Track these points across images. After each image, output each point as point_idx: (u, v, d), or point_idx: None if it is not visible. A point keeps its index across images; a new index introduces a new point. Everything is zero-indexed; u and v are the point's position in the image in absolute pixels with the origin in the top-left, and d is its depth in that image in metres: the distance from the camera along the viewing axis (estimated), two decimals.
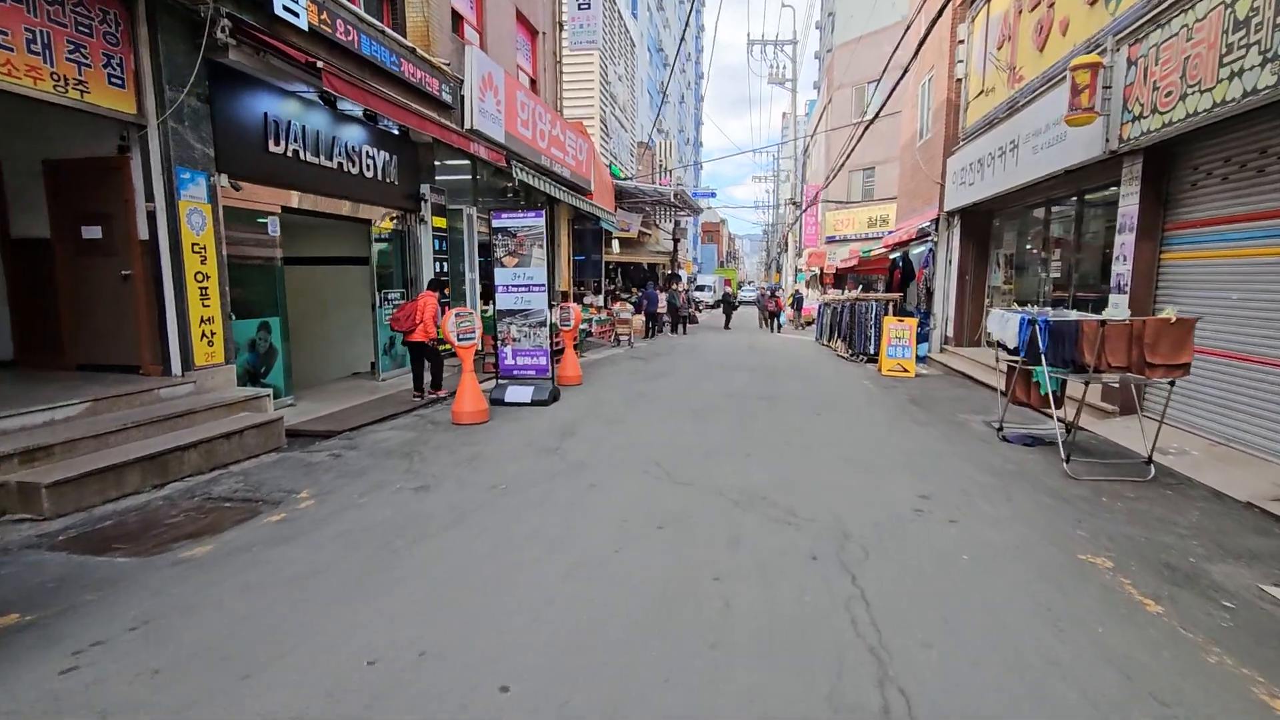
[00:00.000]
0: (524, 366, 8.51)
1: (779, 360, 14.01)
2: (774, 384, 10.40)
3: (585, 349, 15.00)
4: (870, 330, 14.02)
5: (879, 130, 27.91)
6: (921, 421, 7.65)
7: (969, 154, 12.16)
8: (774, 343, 18.85)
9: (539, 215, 8.21)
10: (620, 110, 24.60)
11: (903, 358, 11.81)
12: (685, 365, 12.83)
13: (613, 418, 7.56)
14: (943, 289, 13.77)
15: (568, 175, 15.98)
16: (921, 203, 15.30)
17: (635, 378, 10.91)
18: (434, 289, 8.83)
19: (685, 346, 16.93)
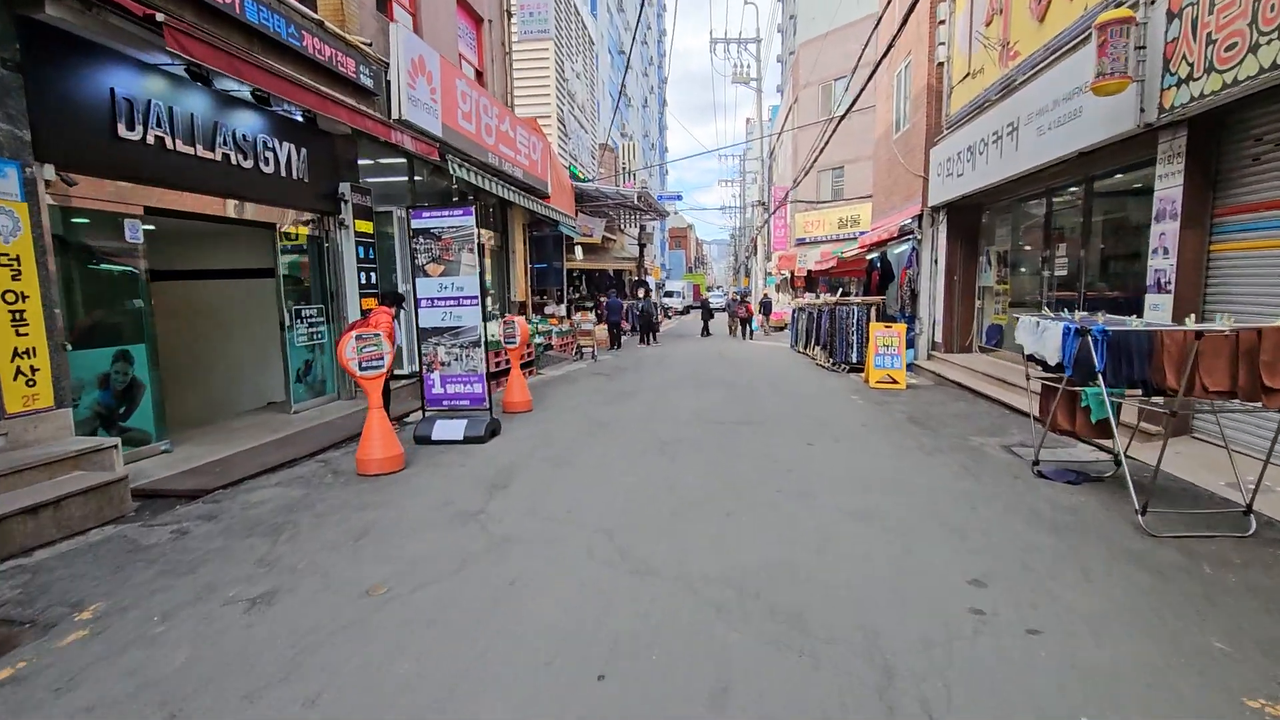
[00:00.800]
0: (455, 396, 7.01)
1: (756, 372, 12.69)
2: (754, 402, 9.05)
3: (543, 365, 13.52)
4: (853, 337, 12.80)
5: (848, 128, 26.94)
6: (931, 449, 6.35)
7: (955, 143, 11.02)
8: (747, 351, 17.57)
9: (467, 213, 6.73)
10: (579, 110, 23.21)
11: (892, 368, 10.58)
12: (653, 381, 11.43)
13: (561, 457, 6.10)
14: (929, 291, 12.62)
15: (520, 176, 14.51)
16: (901, 198, 14.18)
17: (595, 399, 9.46)
18: (388, 302, 7.31)
19: (653, 358, 15.53)
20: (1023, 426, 7.42)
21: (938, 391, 10.04)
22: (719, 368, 13.41)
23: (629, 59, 22.50)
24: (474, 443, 6.67)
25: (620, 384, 11.11)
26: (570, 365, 14.19)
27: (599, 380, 11.64)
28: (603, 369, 13.45)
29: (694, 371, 12.73)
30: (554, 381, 11.60)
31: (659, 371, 12.88)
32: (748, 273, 49.48)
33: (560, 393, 10.19)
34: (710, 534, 4.12)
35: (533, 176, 15.40)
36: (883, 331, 10.75)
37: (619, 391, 10.21)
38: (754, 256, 39.95)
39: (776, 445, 6.51)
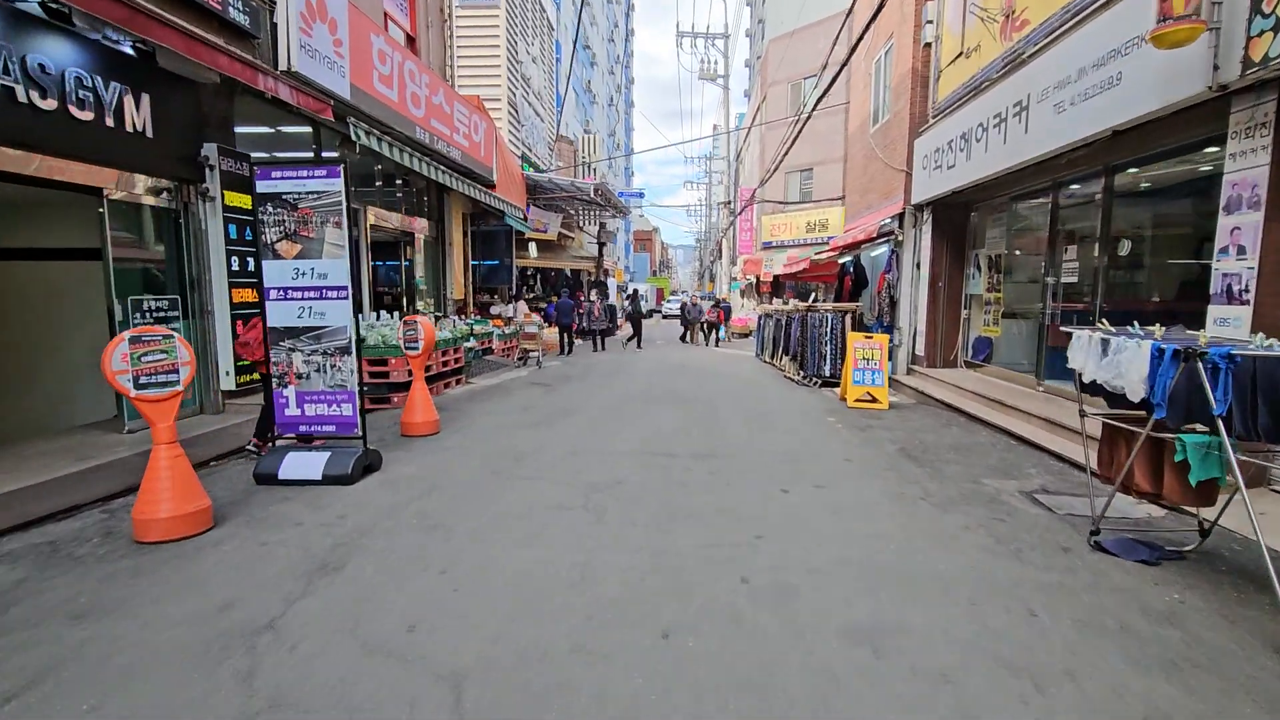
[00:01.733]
0: (317, 420, 5.21)
1: (719, 385, 11.11)
2: (714, 426, 7.44)
3: (478, 372, 11.72)
4: (825, 348, 11.33)
5: (817, 130, 25.80)
6: (940, 500, 4.81)
7: (944, 131, 9.63)
8: (710, 360, 16.01)
9: (333, 174, 4.96)
10: (535, 96, 21.43)
11: (873, 384, 9.10)
12: (599, 396, 9.74)
13: (443, 515, 4.36)
14: (910, 298, 11.24)
15: (457, 158, 12.70)
16: (878, 197, 12.81)
17: (522, 419, 7.73)
18: None
19: (606, 367, 13.84)
20: (1038, 462, 5.97)
21: (925, 414, 8.58)
22: (679, 379, 11.80)
23: (575, 45, 20.74)
24: (337, 483, 4.90)
25: (559, 398, 9.39)
26: (510, 373, 12.41)
27: (535, 393, 9.90)
28: (545, 378, 11.71)
29: (648, 384, 11.08)
30: (483, 393, 9.82)
31: (609, 383, 11.20)
32: (712, 277, 48.19)
33: (483, 409, 8.42)
34: (631, 689, 2.45)
35: (474, 160, 13.60)
36: (863, 343, 9.27)
37: (555, 409, 8.49)
38: (719, 260, 38.62)
39: (741, 493, 4.89)
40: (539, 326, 13.34)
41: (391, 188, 12.86)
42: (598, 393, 9.99)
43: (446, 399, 9.23)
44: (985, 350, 10.17)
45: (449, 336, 10.05)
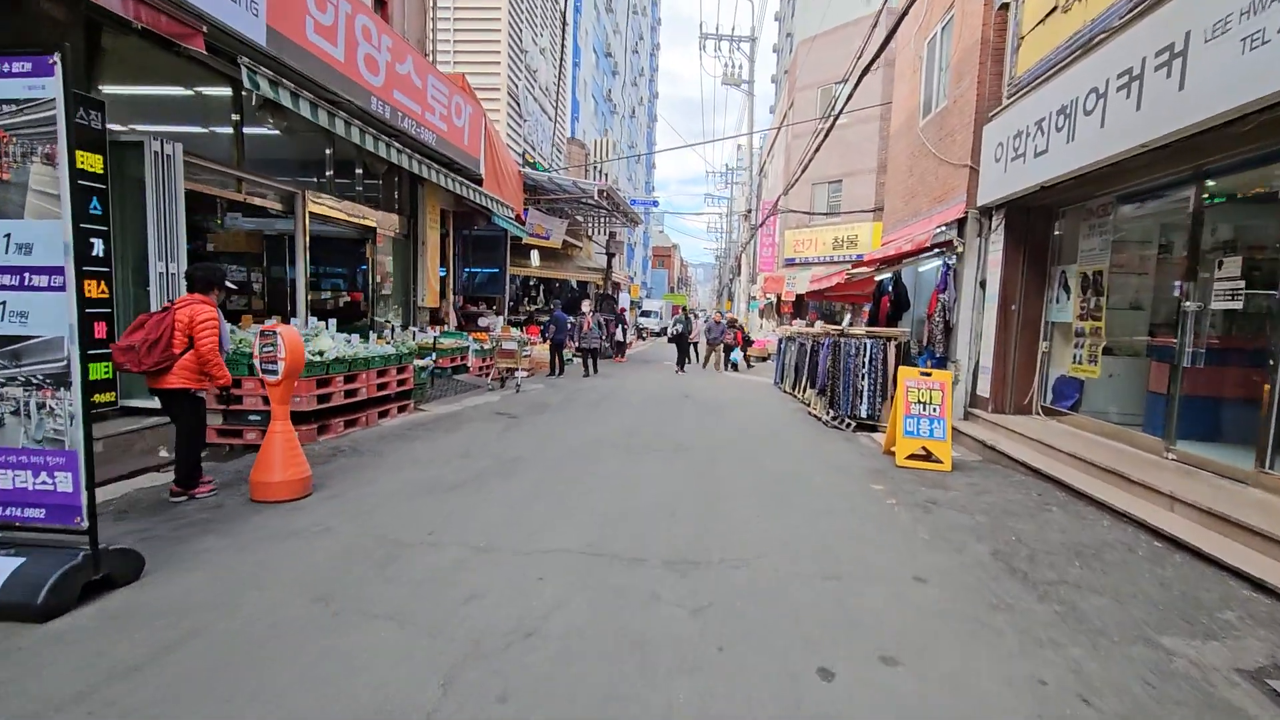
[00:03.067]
0: (14, 498, 3.01)
1: (726, 427, 8.79)
2: (712, 500, 5.12)
3: (437, 396, 9.52)
4: (863, 382, 8.99)
5: (846, 139, 23.57)
6: (1115, 701, 2.48)
7: (1028, 110, 7.33)
8: (720, 389, 13.68)
9: (42, 71, 2.79)
10: (542, 91, 19.47)
11: (931, 437, 6.74)
12: (570, 437, 7.48)
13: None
14: (971, 324, 8.87)
15: (430, 141, 10.65)
16: (928, 202, 10.50)
17: (445, 476, 5.48)
18: (202, 287, 4.71)
19: (593, 394, 11.58)
20: (1224, 592, 3.59)
21: (1003, 481, 6.19)
22: (675, 415, 9.49)
23: (569, 29, 18.86)
24: (15, 617, 2.69)
25: (516, 439, 7.14)
26: (478, 397, 10.21)
27: (491, 429, 7.67)
28: (515, 406, 9.48)
29: (637, 422, 8.79)
30: (426, 427, 7.61)
31: (588, 417, 8.93)
32: (731, 296, 45.90)
33: (404, 454, 6.18)
34: None
35: (454, 148, 11.55)
36: (917, 382, 6.93)
37: (501, 457, 6.23)
38: (738, 278, 36.34)
39: (744, 680, 2.58)
40: (519, 343, 11.16)
41: (348, 174, 10.83)
42: (569, 432, 7.72)
43: (369, 435, 7.03)
44: (1073, 394, 7.76)
45: (387, 353, 7.88)
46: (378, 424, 7.64)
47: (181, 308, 4.47)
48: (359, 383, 7.34)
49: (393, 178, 11.77)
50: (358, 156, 9.94)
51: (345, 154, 10.10)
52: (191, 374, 4.46)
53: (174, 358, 4.38)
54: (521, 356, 11.29)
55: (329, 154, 9.95)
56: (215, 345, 4.49)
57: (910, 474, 6.36)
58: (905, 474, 6.35)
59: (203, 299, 4.60)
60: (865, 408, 9.00)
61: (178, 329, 4.38)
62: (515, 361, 11.21)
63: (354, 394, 7.29)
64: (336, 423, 6.93)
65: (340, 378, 6.97)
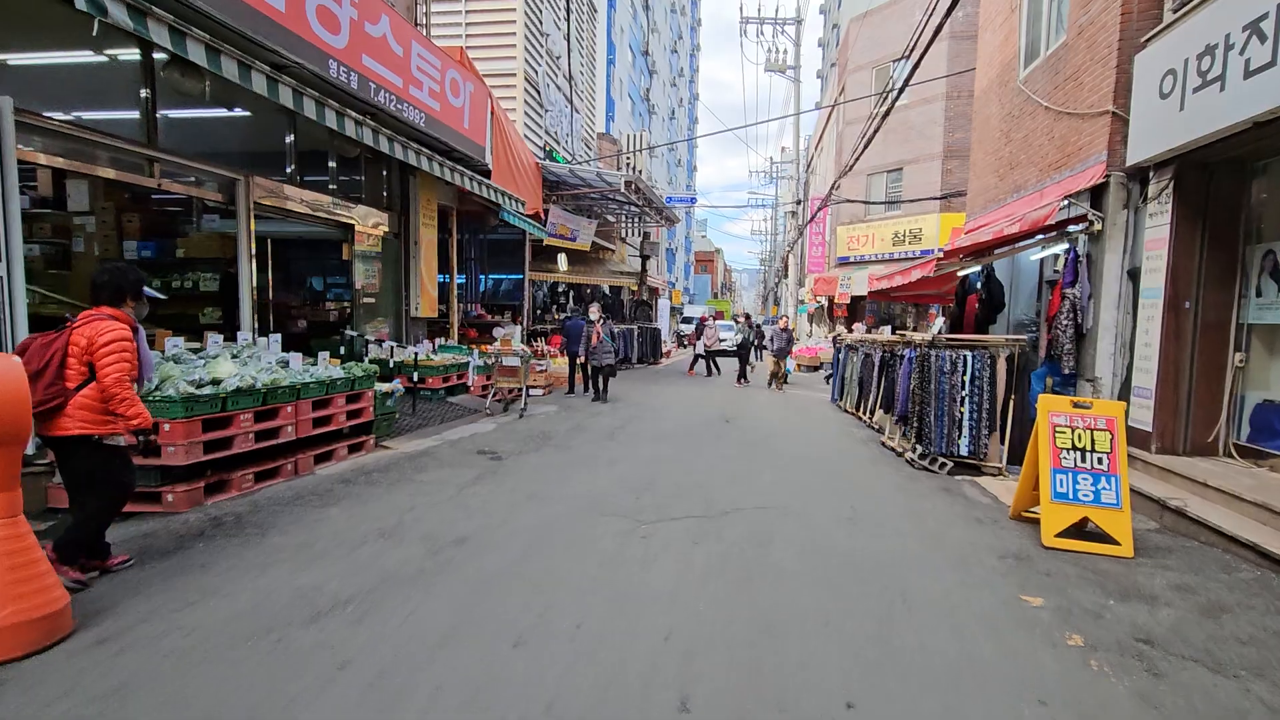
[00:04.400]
0: None
1: (776, 471, 6.52)
2: (761, 665, 2.93)
3: (412, 428, 7.57)
4: (962, 407, 6.61)
5: (908, 122, 20.86)
6: None
7: (1231, 8, 4.89)
8: (768, 410, 11.39)
9: None
10: (565, 79, 17.59)
11: (1098, 503, 4.36)
12: (553, 499, 5.35)
13: None
14: (1116, 329, 6.40)
15: (416, 121, 8.80)
16: (1041, 170, 8.02)
17: (325, 588, 3.40)
18: (110, 296, 3.45)
19: (611, 420, 9.45)
20: None
21: (1228, 577, 3.77)
22: (711, 454, 7.27)
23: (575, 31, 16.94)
24: None
25: (478, 503, 5.04)
26: (468, 426, 8.22)
27: (453, 483, 5.61)
28: (507, 441, 7.44)
29: (656, 466, 6.59)
30: (365, 477, 5.60)
31: (594, 458, 6.79)
32: (777, 300, 43.19)
33: (291, 536, 4.12)
34: None
35: (450, 131, 9.68)
36: (1069, 418, 4.56)
37: (432, 546, 4.11)
38: (784, 281, 33.73)
39: None
40: (522, 358, 9.15)
41: (319, 164, 9.06)
42: (559, 484, 5.61)
43: (285, 493, 5.06)
44: None
45: (329, 378, 5.95)
46: (313, 471, 5.70)
47: (80, 326, 3.28)
48: (282, 419, 5.41)
49: (380, 170, 9.97)
50: (330, 143, 8.12)
51: (314, 140, 8.30)
52: (94, 415, 3.26)
53: (67, 394, 3.19)
54: (527, 374, 9.27)
55: (290, 141, 8.16)
56: (124, 375, 3.25)
57: (1070, 564, 4.02)
58: (1062, 564, 4.00)
59: (112, 313, 3.36)
60: (966, 442, 6.61)
61: (72, 355, 3.23)
62: (518, 380, 9.19)
63: (275, 434, 5.38)
64: (241, 476, 5.00)
65: (247, 415, 5.05)
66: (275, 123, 8.03)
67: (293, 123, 8.04)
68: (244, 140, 8.61)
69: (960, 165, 19.39)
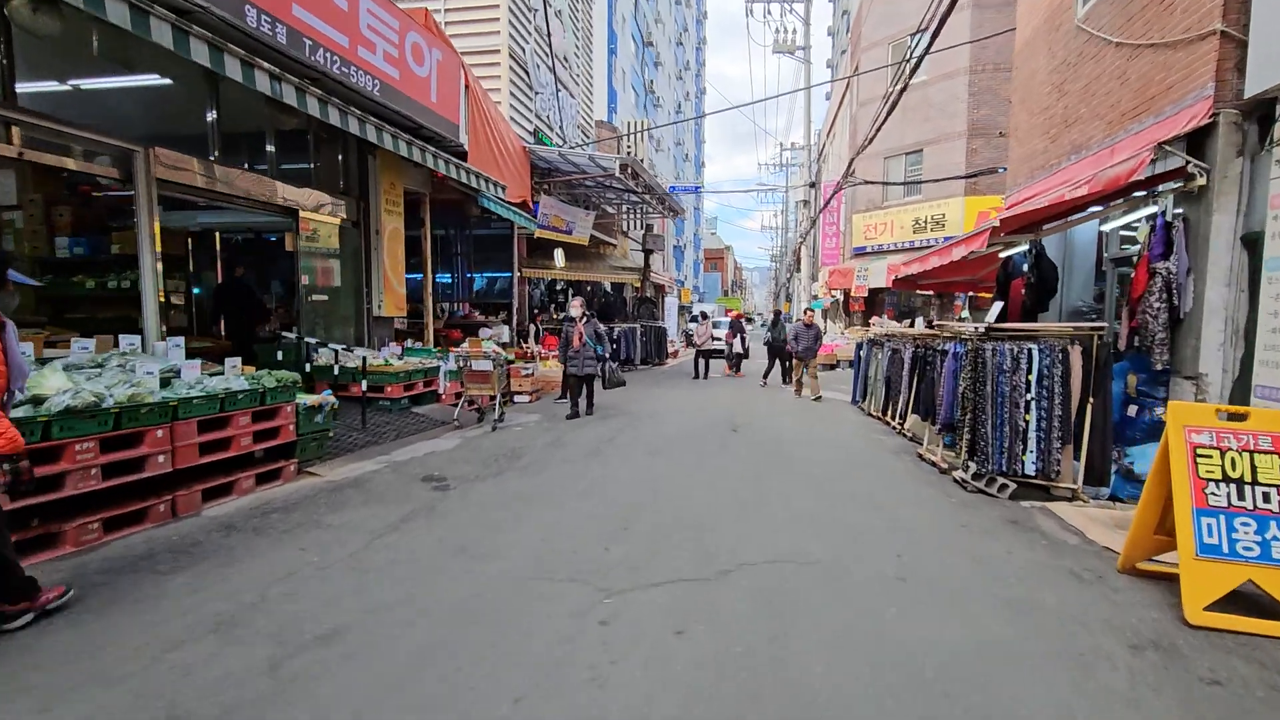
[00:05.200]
0: None
1: (793, 497, 5.16)
2: None
3: (359, 446, 6.28)
4: (1027, 414, 5.19)
5: (929, 99, 19.29)
6: None
7: None
8: (781, 415, 10.00)
9: None
10: (560, 62, 16.27)
11: (1270, 561, 2.97)
12: (497, 550, 4.01)
13: None
14: (1226, 311, 4.98)
15: (369, 89, 7.52)
16: (1111, 122, 6.56)
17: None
18: None
19: (599, 431, 8.13)
20: None
21: None
22: (713, 473, 5.90)
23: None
24: None
25: (390, 564, 3.70)
26: (427, 442, 6.92)
27: (367, 529, 4.29)
28: (465, 463, 6.11)
29: (644, 491, 5.24)
30: (259, 520, 4.29)
31: (567, 484, 5.45)
32: (789, 296, 41.62)
33: (87, 638, 2.86)
34: None
35: (411, 103, 8.40)
36: (1212, 434, 3.15)
37: (278, 653, 2.85)
38: (796, 275, 32.19)
39: None
40: (495, 362, 7.83)
41: (256, 142, 7.80)
42: (511, 527, 4.27)
43: (137, 548, 3.78)
44: None
45: (224, 391, 4.67)
46: (199, 511, 4.42)
47: None
48: (149, 446, 4.14)
49: (335, 151, 8.71)
50: (264, 114, 6.84)
51: (247, 114, 7.02)
52: None
53: None
54: (503, 379, 7.96)
55: (211, 112, 6.90)
56: None
57: (1243, 659, 2.62)
58: (1233, 660, 2.61)
59: None
60: (1033, 458, 5.20)
61: None
62: (491, 387, 7.88)
63: (140, 465, 4.11)
64: (80, 526, 3.72)
65: (88, 443, 3.78)
66: (194, 91, 6.80)
67: (213, 89, 6.80)
68: (162, 116, 7.37)
69: (986, 144, 17.84)
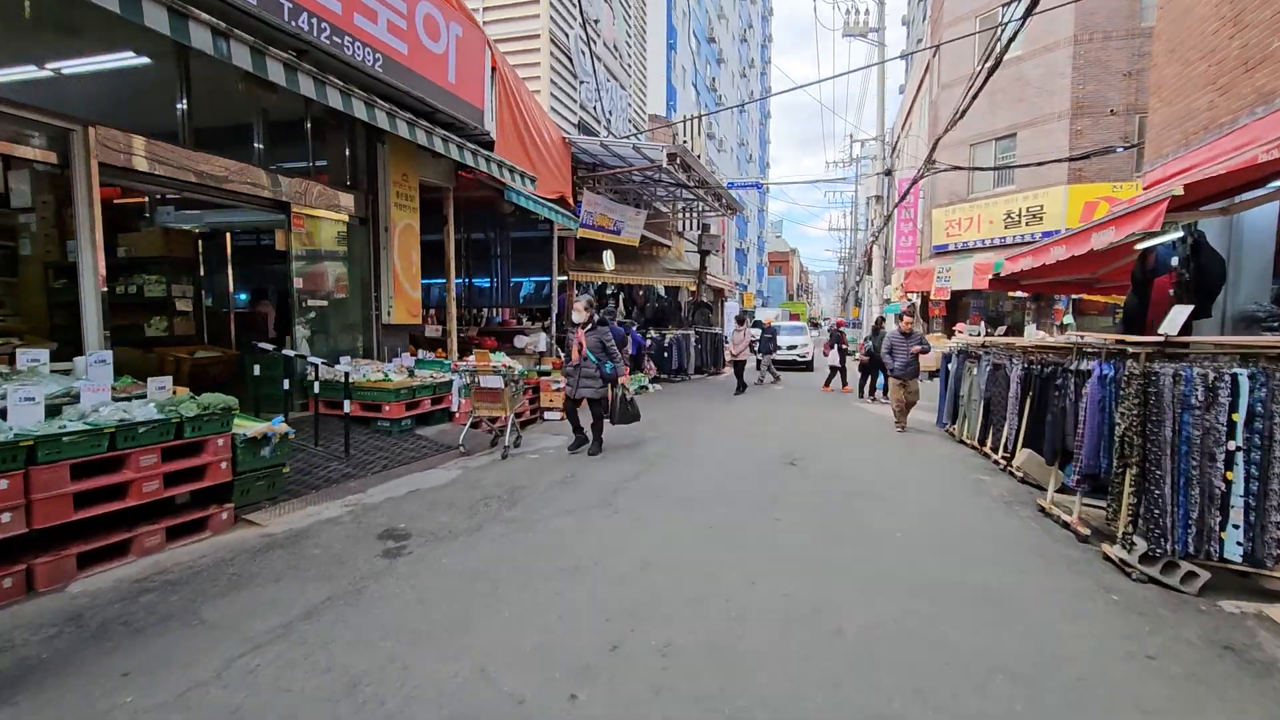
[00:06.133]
0: None
1: (873, 597, 3.61)
2: None
3: (334, 479, 5.16)
4: (1228, 472, 3.44)
5: (1024, 77, 16.91)
6: None
7: None
8: (849, 443, 8.34)
9: None
10: (610, 50, 15.08)
11: None
12: (416, 686, 2.74)
13: None
14: None
15: (367, 63, 6.45)
16: None
17: None
18: None
19: (622, 468, 6.75)
20: None
21: None
22: (746, 550, 4.43)
23: None
24: None
25: (238, 702, 2.49)
26: (415, 475, 5.75)
27: (272, 619, 3.07)
28: (448, 508, 4.86)
29: (646, 589, 3.84)
30: (102, 618, 3.16)
31: (555, 552, 4.09)
32: (858, 301, 38.97)
33: None
34: None
35: (430, 85, 7.33)
36: None
37: None
38: (866, 277, 29.82)
39: None
40: (507, 379, 6.60)
41: (241, 128, 6.87)
42: (452, 634, 2.95)
43: None
44: None
45: (94, 427, 3.59)
46: (70, 582, 3.34)
47: None
48: (130, 475, 3.07)
49: (340, 138, 7.76)
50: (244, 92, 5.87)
51: (223, 91, 6.08)
52: None
53: None
54: (517, 398, 6.71)
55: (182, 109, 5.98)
56: None
57: None
58: None
59: None
60: (1239, 535, 3.46)
61: None
62: (502, 407, 6.64)
63: None
64: (54, 564, 2.67)
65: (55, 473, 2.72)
66: (163, 68, 5.91)
67: (179, 60, 5.88)
68: (129, 100, 6.49)
69: (1094, 124, 15.39)
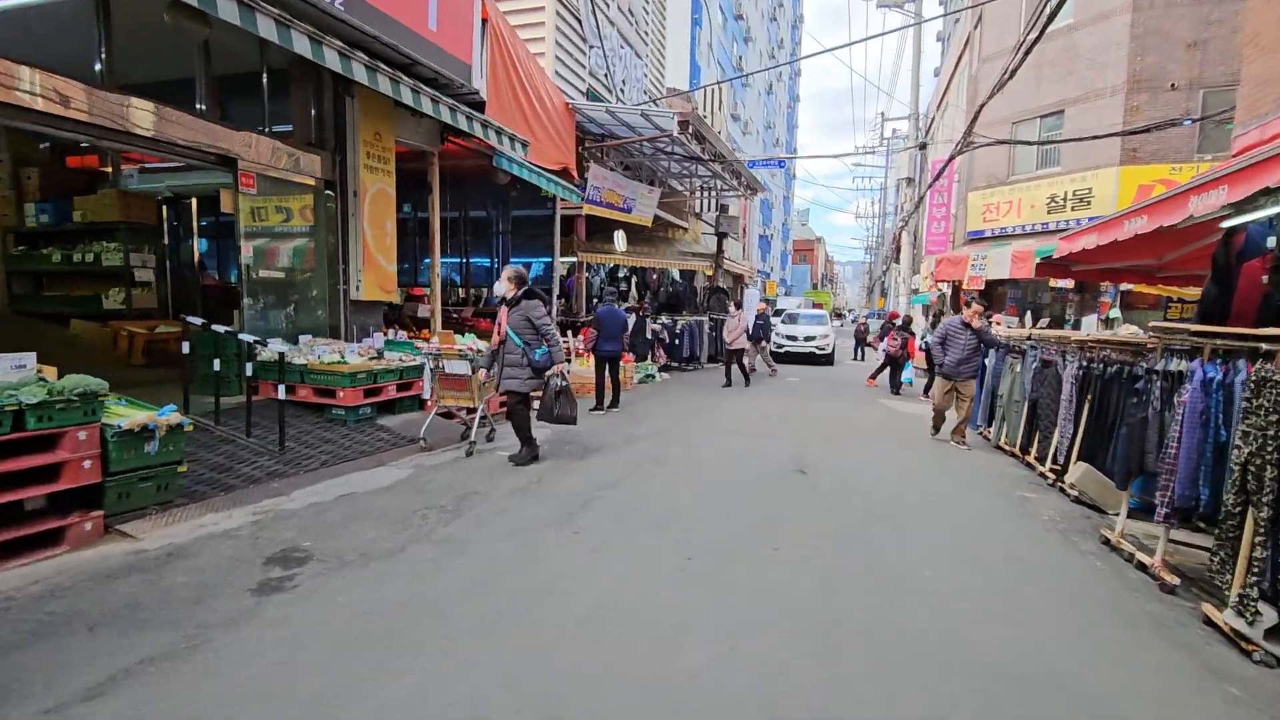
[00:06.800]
0: None
1: (901, 697, 2.65)
2: None
3: (212, 489, 4.35)
4: None
5: (1075, 48, 15.37)
6: None
7: None
8: (872, 450, 7.32)
9: None
10: (626, 14, 13.99)
11: None
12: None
13: None
14: None
15: (329, 4, 5.53)
16: None
17: None
18: None
19: (605, 470, 5.82)
20: None
21: None
22: (735, 599, 3.47)
23: None
24: None
25: None
26: (358, 474, 4.92)
27: (72, 685, 2.24)
28: (379, 520, 4.01)
29: (592, 646, 2.92)
30: None
31: (465, 604, 3.21)
32: (884, 291, 37.45)
33: None
34: None
35: (406, 31, 6.39)
36: None
37: None
38: (893, 266, 28.38)
39: None
40: (473, 363, 5.71)
41: (179, 78, 6.01)
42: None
43: None
44: None
45: None
46: None
47: None
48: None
49: (305, 95, 6.87)
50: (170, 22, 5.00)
51: (161, 39, 5.20)
52: None
53: None
54: (484, 386, 5.82)
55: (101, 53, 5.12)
56: None
57: None
58: None
59: None
60: None
61: None
62: (470, 397, 5.76)
63: None
64: None
65: None
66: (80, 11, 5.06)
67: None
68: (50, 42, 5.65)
69: (1152, 100, 13.90)
